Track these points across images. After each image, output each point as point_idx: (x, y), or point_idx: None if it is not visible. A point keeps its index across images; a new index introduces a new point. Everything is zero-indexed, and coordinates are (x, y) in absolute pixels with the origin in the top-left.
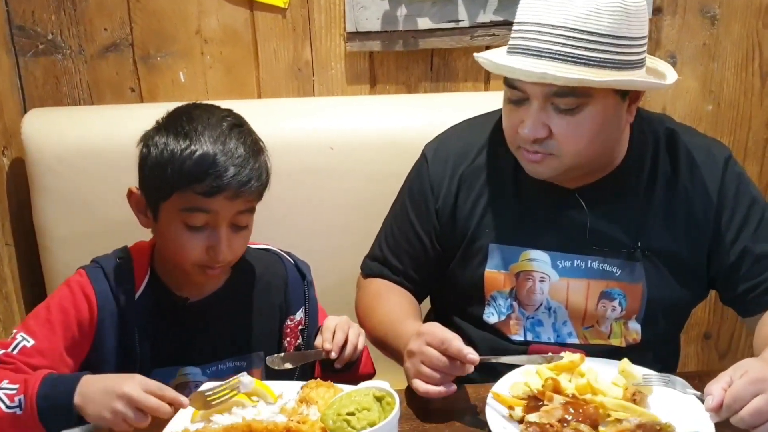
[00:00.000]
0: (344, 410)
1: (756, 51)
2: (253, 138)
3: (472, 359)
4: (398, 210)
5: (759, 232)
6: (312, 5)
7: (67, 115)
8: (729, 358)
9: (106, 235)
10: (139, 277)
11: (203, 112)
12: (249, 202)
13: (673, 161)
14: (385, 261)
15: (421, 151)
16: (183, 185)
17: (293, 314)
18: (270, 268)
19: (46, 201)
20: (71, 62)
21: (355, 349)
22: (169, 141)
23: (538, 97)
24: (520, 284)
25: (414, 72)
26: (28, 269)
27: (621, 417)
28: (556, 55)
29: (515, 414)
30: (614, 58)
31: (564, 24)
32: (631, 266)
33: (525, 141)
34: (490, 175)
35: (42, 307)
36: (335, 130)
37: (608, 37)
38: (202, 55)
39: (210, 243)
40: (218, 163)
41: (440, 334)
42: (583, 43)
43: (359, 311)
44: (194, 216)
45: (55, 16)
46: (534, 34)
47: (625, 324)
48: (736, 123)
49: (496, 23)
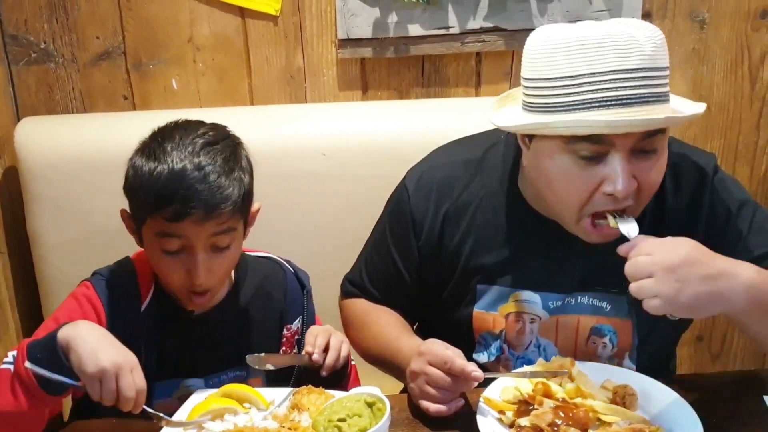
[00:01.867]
0: (335, 416)
1: (745, 54)
2: (226, 155)
3: (477, 376)
4: (379, 238)
5: (752, 234)
6: (303, 12)
7: (60, 124)
8: (721, 360)
9: (99, 243)
10: (144, 290)
11: (179, 130)
12: (222, 224)
13: (660, 190)
14: (365, 289)
15: (401, 180)
16: (152, 211)
17: (290, 323)
18: (270, 277)
19: (39, 209)
20: (64, 70)
21: (338, 356)
22: (142, 162)
23: (625, 148)
24: (510, 326)
25: (405, 78)
26: (21, 277)
27: (611, 420)
28: (641, 98)
29: (506, 418)
30: (668, 89)
31: (641, 66)
32: (621, 302)
33: (612, 201)
34: (476, 214)
35: (50, 321)
36: (327, 136)
37: (665, 69)
38: (194, 63)
39: (188, 267)
40: (183, 185)
41: (441, 352)
42: (657, 80)
43: (349, 331)
44: (167, 241)
45: (48, 24)
46: (614, 82)
47: (620, 364)
48: (726, 126)
49: (486, 29)
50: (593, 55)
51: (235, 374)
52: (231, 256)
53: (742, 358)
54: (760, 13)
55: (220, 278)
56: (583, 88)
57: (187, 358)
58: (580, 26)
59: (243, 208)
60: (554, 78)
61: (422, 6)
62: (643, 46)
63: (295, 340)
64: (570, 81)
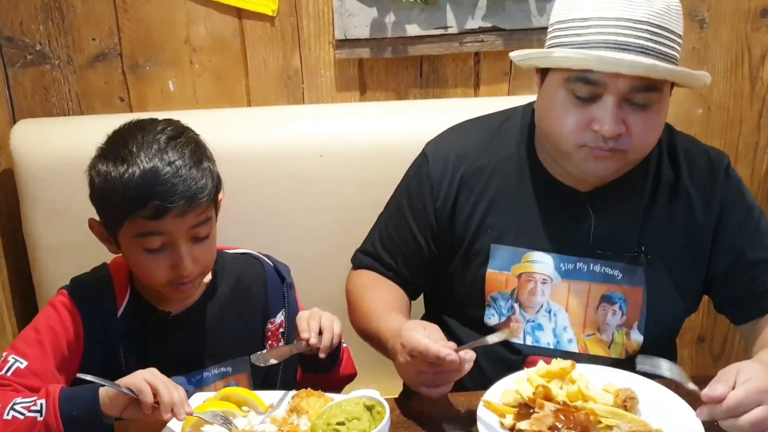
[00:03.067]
0: (334, 420)
1: (745, 54)
2: (192, 147)
3: (452, 360)
4: (394, 207)
5: (754, 239)
6: (300, 13)
7: (56, 126)
8: (723, 361)
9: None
10: (120, 295)
11: (138, 130)
12: (201, 214)
13: (675, 167)
14: (378, 257)
15: (421, 151)
16: (130, 213)
17: (273, 317)
18: (248, 272)
19: (35, 211)
20: (60, 72)
21: (332, 335)
22: (109, 168)
23: (618, 93)
24: (522, 285)
25: (403, 78)
26: (18, 280)
27: (612, 423)
28: (643, 50)
29: (506, 422)
30: (677, 56)
31: (647, 20)
32: (633, 270)
33: (600, 139)
34: (492, 177)
35: (30, 329)
36: (325, 137)
37: (676, 35)
38: (191, 64)
39: (173, 261)
40: (159, 182)
41: (415, 342)
42: (663, 40)
43: (348, 303)
44: (149, 240)
45: (44, 26)
46: (616, 29)
47: (627, 334)
48: (726, 126)
49: (484, 29)
50: (606, 2)
51: (219, 370)
52: (211, 244)
53: (744, 359)
54: (761, 12)
55: (205, 266)
56: (591, 30)
57: (168, 358)
58: None
59: (215, 196)
60: (568, 20)
61: (420, 6)
62: (653, 2)
63: (281, 332)
64: (580, 23)
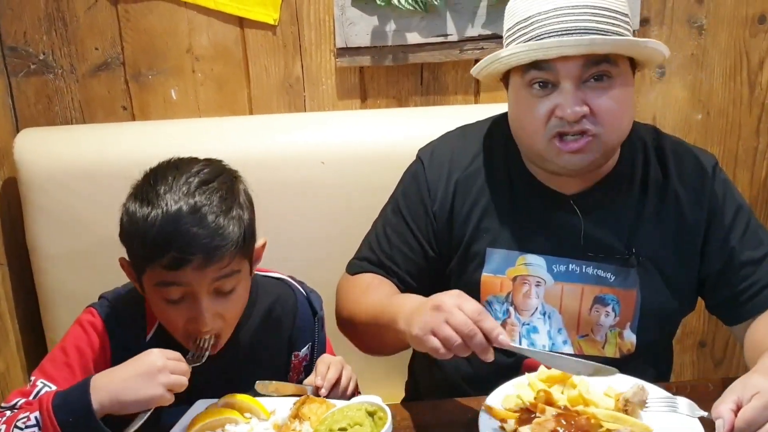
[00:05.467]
0: (336, 426)
1: (744, 60)
2: (223, 193)
3: (503, 341)
4: (391, 213)
5: (745, 238)
6: (302, 22)
7: (59, 134)
8: (724, 366)
9: (99, 254)
10: (150, 319)
11: (172, 170)
12: (224, 267)
13: (663, 168)
14: (380, 263)
15: (415, 157)
16: (149, 261)
17: (299, 350)
18: (281, 301)
19: (38, 220)
20: (63, 81)
21: (345, 392)
22: (135, 208)
23: (572, 76)
24: (516, 288)
25: (404, 86)
26: (21, 288)
27: (613, 428)
28: (585, 31)
29: (508, 427)
30: (627, 34)
31: (584, 3)
32: (626, 272)
33: (566, 123)
34: (485, 182)
35: (58, 350)
36: (327, 145)
37: (620, 14)
38: (193, 73)
39: (192, 314)
40: (179, 231)
41: (477, 305)
42: (605, 19)
43: (345, 305)
44: (168, 290)
45: (47, 36)
46: (556, 17)
47: (620, 334)
48: (725, 132)
49: (484, 37)
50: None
51: None
52: (238, 299)
53: (745, 364)
54: (758, 18)
55: (229, 323)
56: (533, 26)
57: (195, 385)
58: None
59: (245, 247)
60: (514, 24)
61: (420, 14)
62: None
63: (303, 366)
64: (524, 23)
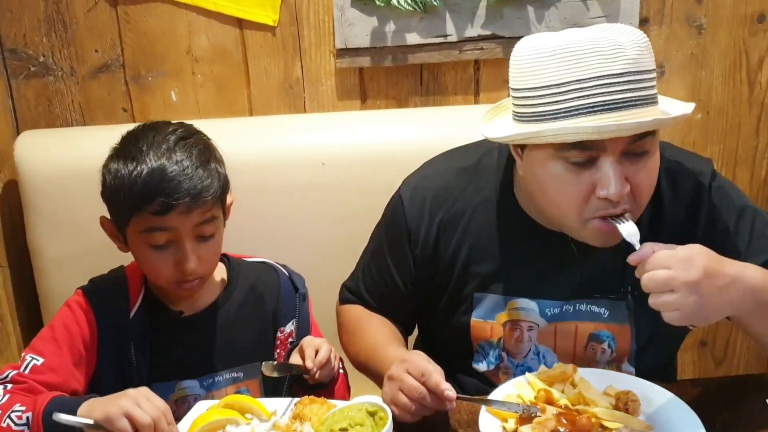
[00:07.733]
0: (337, 426)
1: (743, 59)
2: (200, 148)
3: (449, 395)
4: (376, 248)
5: (749, 241)
6: (301, 23)
7: (59, 137)
8: (725, 365)
9: (100, 256)
10: (133, 296)
11: (150, 131)
12: (206, 212)
13: (656, 194)
14: (361, 297)
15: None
16: (136, 209)
17: (283, 326)
18: (263, 279)
19: (39, 222)
20: (63, 84)
21: (330, 372)
22: (119, 166)
23: (616, 152)
24: (508, 334)
25: (404, 87)
26: (22, 291)
27: (613, 427)
28: (628, 102)
29: (508, 426)
30: (656, 90)
31: (626, 70)
32: (619, 307)
33: (610, 204)
34: (471, 221)
35: (46, 329)
36: (327, 146)
37: (652, 70)
38: (192, 74)
39: (177, 258)
40: (165, 179)
41: (422, 364)
42: (643, 83)
43: (342, 335)
44: (154, 236)
45: (47, 38)
46: (600, 88)
47: (618, 368)
48: (725, 131)
49: (484, 37)
50: (578, 62)
51: (231, 375)
52: (216, 244)
53: (746, 363)
54: (758, 17)
55: (209, 266)
56: (570, 95)
57: (180, 360)
58: (564, 34)
59: (222, 197)
60: (541, 87)
61: (420, 14)
62: (626, 50)
63: (290, 342)
64: (557, 89)
